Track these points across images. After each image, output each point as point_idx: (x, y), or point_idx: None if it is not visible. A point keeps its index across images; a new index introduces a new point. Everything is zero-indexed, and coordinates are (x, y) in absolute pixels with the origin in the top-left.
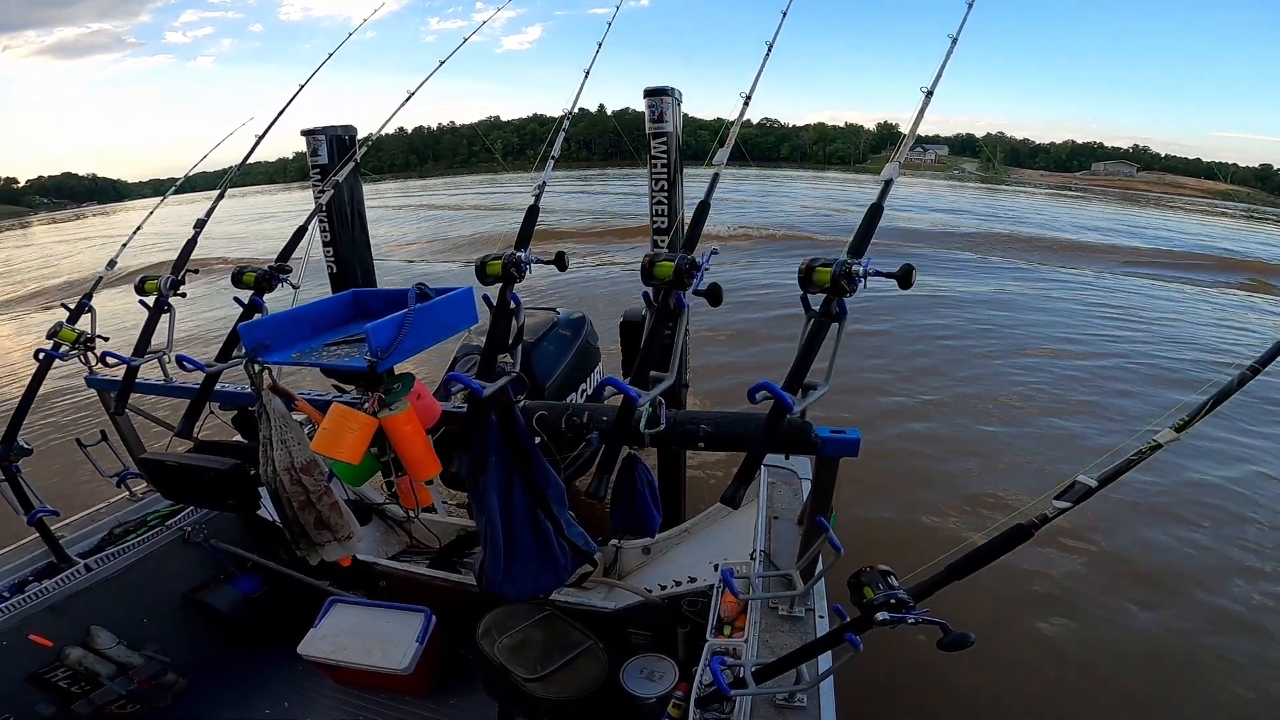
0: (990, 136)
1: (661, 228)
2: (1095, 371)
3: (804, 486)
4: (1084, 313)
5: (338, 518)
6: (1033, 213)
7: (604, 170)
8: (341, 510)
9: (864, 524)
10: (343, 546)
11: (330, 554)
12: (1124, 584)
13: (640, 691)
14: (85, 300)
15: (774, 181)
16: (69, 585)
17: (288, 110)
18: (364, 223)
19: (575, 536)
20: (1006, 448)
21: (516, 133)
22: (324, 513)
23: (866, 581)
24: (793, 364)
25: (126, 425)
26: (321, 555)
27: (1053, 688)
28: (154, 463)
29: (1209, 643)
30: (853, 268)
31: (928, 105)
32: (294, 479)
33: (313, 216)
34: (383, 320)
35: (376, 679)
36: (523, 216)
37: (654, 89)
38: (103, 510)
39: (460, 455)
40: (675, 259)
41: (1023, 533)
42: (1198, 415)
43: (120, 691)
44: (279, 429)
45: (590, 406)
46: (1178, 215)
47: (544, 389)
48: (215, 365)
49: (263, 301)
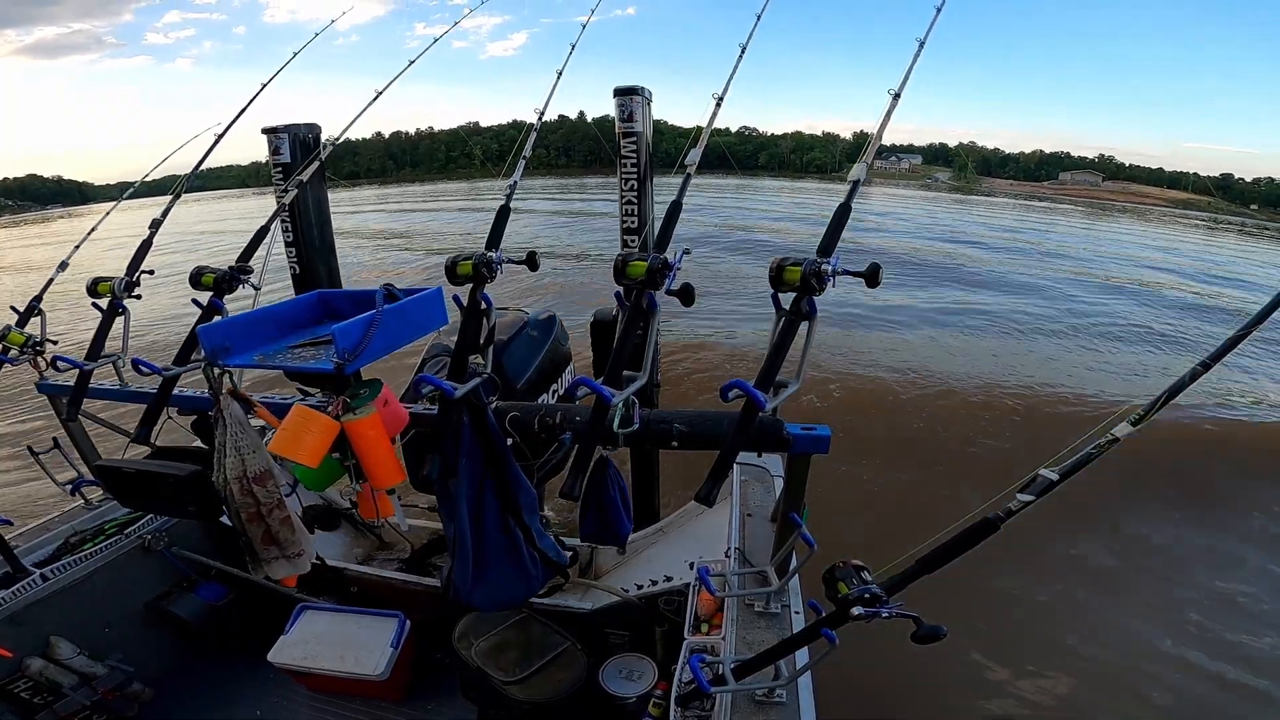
0: (963, 146)
1: (632, 228)
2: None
3: (776, 483)
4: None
5: (288, 534)
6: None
7: (583, 180)
8: (294, 526)
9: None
10: (291, 564)
11: (275, 571)
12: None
13: (620, 691)
14: (35, 303)
15: (753, 191)
16: (26, 595)
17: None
18: (328, 223)
19: (547, 547)
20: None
21: (496, 138)
22: (273, 527)
23: (840, 577)
24: (764, 362)
25: (80, 432)
26: (266, 572)
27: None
28: (110, 470)
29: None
30: (822, 266)
31: (895, 108)
32: (244, 489)
33: (275, 217)
34: (350, 321)
35: (351, 686)
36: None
37: (624, 88)
38: (57, 519)
39: (431, 457)
40: (648, 258)
41: (990, 526)
42: (1153, 410)
43: (84, 702)
44: (234, 435)
45: (563, 407)
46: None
47: (516, 390)
48: (173, 369)
49: (222, 303)
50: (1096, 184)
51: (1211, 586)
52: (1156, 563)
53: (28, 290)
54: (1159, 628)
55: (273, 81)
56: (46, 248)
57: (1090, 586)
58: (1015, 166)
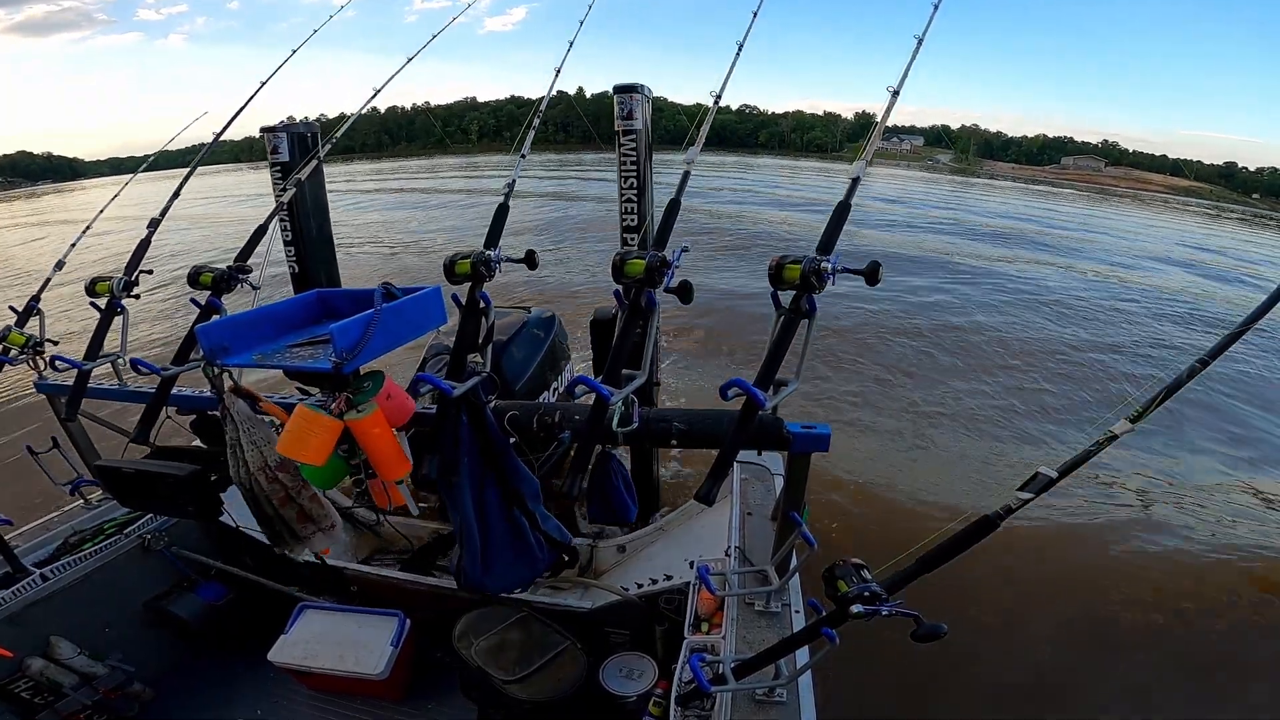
0: (965, 129)
1: (631, 225)
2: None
3: (776, 482)
4: None
5: (319, 508)
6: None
7: (580, 155)
8: (322, 501)
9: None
10: (327, 536)
11: (317, 544)
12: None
13: (620, 690)
14: (33, 302)
15: (754, 170)
16: (26, 595)
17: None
18: (328, 222)
19: (551, 529)
20: None
21: (494, 114)
22: (305, 505)
23: (840, 575)
24: (764, 361)
25: (79, 432)
26: (308, 547)
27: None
28: (110, 470)
29: None
30: (821, 264)
31: (894, 105)
32: (270, 477)
33: (273, 215)
34: (348, 320)
35: (351, 685)
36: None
37: (623, 86)
38: (57, 519)
39: (430, 457)
40: (646, 256)
41: (989, 524)
42: (1151, 406)
43: (85, 702)
44: (246, 431)
45: (562, 406)
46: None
47: (515, 389)
48: (171, 369)
49: (221, 303)
50: (1099, 169)
51: None
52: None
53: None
54: None
55: (270, 61)
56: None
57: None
58: (1017, 150)
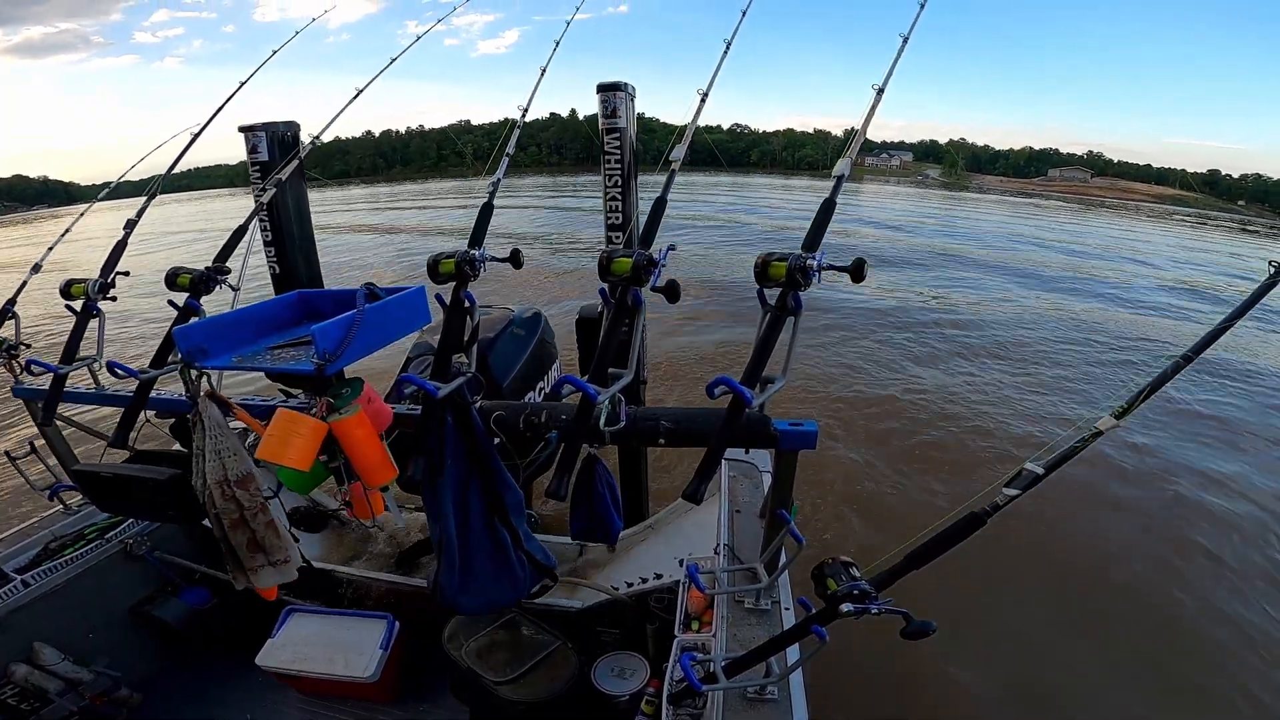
0: (953, 142)
1: (616, 224)
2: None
3: (765, 479)
4: None
5: (273, 539)
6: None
7: (574, 178)
8: (279, 531)
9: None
10: (278, 572)
11: (262, 580)
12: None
13: (612, 690)
14: (9, 306)
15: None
16: (7, 601)
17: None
18: (308, 221)
19: (534, 549)
20: None
21: (487, 136)
22: (258, 532)
23: (829, 573)
24: (750, 358)
25: (57, 436)
26: (252, 581)
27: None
28: (88, 474)
29: None
30: (807, 262)
31: (879, 103)
32: (225, 494)
33: (253, 216)
34: (330, 321)
35: (342, 688)
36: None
37: (607, 84)
38: (36, 525)
39: (415, 459)
40: (633, 255)
41: (976, 520)
42: (1136, 402)
43: (71, 708)
44: (213, 438)
45: (549, 405)
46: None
47: (501, 389)
48: (149, 372)
49: (199, 304)
50: (1085, 180)
51: None
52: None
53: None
54: None
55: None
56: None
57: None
58: (1005, 163)
